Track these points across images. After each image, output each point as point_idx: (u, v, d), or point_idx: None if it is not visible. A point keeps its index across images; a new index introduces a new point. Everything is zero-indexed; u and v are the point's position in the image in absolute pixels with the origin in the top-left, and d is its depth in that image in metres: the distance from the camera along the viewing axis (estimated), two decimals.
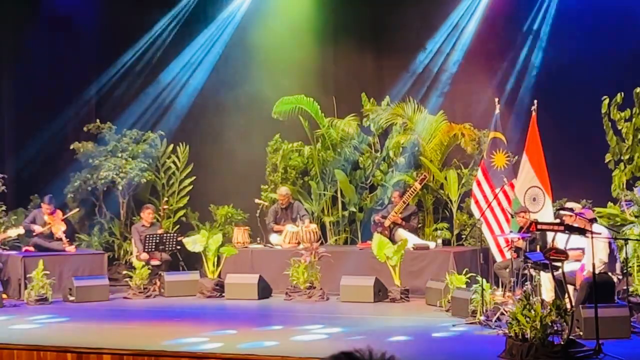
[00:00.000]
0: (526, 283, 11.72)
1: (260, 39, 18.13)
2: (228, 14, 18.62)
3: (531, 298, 10.10)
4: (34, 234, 15.71)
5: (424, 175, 15.83)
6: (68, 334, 11.58)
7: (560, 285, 10.85)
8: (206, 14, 18.69)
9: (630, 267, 12.38)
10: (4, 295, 14.26)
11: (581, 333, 10.37)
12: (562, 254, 10.28)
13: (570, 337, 9.65)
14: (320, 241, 16.11)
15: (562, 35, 15.99)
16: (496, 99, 14.99)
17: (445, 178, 16.56)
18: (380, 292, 14.23)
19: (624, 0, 15.41)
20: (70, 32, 18.50)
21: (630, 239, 12.09)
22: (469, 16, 16.99)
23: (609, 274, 11.32)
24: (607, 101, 13.91)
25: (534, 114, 14.19)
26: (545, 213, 13.79)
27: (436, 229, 16.50)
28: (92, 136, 18.17)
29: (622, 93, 13.81)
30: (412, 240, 15.19)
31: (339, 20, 17.72)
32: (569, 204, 12.97)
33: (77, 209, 17.17)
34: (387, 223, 15.53)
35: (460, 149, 16.57)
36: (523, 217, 13.27)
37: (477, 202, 14.78)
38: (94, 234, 17.85)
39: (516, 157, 15.01)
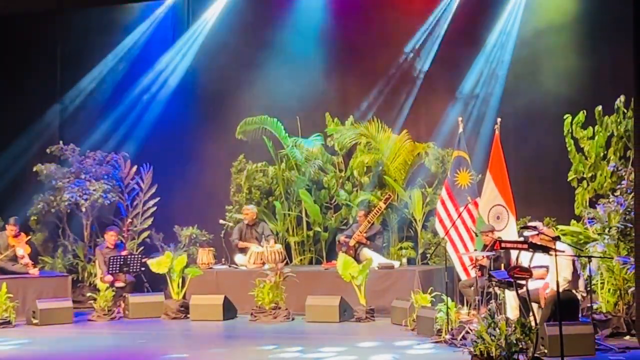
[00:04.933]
0: (491, 301, 11.75)
1: (223, 59, 18.11)
2: (191, 35, 18.58)
3: (496, 316, 10.13)
4: None
5: (389, 195, 15.85)
6: (31, 357, 11.46)
7: (524, 303, 10.89)
8: (169, 36, 18.66)
9: (594, 284, 12.44)
10: None
11: (546, 351, 10.42)
12: (526, 272, 10.31)
13: (535, 355, 9.68)
14: (285, 261, 16.10)
15: (525, 54, 16.07)
16: (459, 118, 15.06)
17: (410, 197, 16.59)
18: (346, 312, 14.23)
19: (585, 19, 15.52)
20: (30, 54, 18.41)
21: (593, 257, 12.16)
22: (433, 37, 17.01)
23: (573, 291, 11.40)
24: (569, 119, 14.02)
25: (497, 132, 14.26)
26: (509, 231, 13.84)
27: (401, 248, 16.51)
28: (55, 158, 18.05)
29: (585, 111, 13.93)
30: (377, 259, 15.20)
31: (302, 40, 17.69)
32: (532, 223, 13.01)
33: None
34: (352, 242, 15.52)
35: (425, 168, 16.62)
36: (489, 236, 13.29)
37: (441, 220, 14.80)
38: (58, 256, 17.71)
39: (480, 176, 15.05)
